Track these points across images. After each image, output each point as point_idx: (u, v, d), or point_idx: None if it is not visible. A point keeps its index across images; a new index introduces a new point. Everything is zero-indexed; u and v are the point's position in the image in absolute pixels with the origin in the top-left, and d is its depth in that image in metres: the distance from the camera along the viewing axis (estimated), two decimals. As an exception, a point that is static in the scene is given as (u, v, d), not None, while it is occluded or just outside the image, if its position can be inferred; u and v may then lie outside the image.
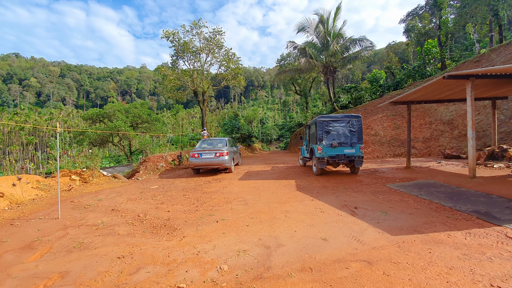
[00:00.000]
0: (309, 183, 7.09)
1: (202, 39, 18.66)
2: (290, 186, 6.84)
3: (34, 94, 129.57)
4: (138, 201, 5.77)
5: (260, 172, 9.74)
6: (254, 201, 5.33)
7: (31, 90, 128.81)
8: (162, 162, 11.24)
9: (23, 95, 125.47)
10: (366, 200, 5.08)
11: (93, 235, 3.70)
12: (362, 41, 21.98)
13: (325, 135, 7.90)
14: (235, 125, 22.78)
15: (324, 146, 7.83)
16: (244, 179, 8.28)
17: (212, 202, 5.37)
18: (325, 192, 5.91)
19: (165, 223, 4.10)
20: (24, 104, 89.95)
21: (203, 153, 9.29)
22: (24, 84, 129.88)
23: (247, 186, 7.00)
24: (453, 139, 13.76)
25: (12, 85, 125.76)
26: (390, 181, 6.93)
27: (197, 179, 8.70)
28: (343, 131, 7.92)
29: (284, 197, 5.55)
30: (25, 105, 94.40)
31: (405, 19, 50.72)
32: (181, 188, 7.17)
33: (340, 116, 8.00)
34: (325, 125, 7.91)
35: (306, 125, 9.90)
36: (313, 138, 8.53)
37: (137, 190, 7.06)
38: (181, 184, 7.78)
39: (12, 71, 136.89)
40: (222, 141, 10.37)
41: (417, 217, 3.96)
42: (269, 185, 7.02)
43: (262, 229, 3.65)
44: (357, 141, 7.92)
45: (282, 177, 8.35)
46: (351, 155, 7.86)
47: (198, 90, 18.50)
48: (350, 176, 7.99)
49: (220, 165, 9.27)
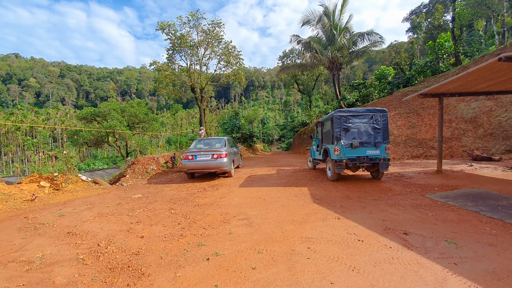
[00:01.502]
0: (327, 192, 5.75)
1: (200, 32, 17.36)
2: (303, 195, 5.50)
3: (33, 94, 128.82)
4: (109, 217, 4.45)
5: (265, 177, 8.40)
6: (261, 219, 4.00)
7: (30, 91, 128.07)
8: (153, 165, 9.91)
9: (22, 95, 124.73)
10: (412, 220, 3.74)
11: (15, 284, 2.38)
12: (370, 35, 20.62)
13: (344, 133, 6.56)
14: (235, 124, 21.42)
15: (343, 147, 6.50)
16: (246, 186, 6.94)
17: (204, 221, 4.03)
18: (351, 206, 4.57)
19: (130, 260, 2.76)
20: (21, 105, 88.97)
21: (198, 155, 7.96)
22: (23, 84, 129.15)
23: (250, 196, 5.66)
24: (478, 138, 12.40)
25: (12, 86, 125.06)
26: (427, 190, 5.59)
27: (190, 186, 7.37)
28: (365, 128, 6.58)
29: (300, 214, 4.21)
30: (24, 105, 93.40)
31: (409, 18, 49.51)
32: (169, 198, 5.83)
33: (361, 110, 6.66)
34: (343, 121, 6.57)
35: (318, 122, 8.55)
36: (328, 137, 7.19)
37: (114, 201, 5.73)
38: (170, 193, 6.45)
39: (11, 71, 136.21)
40: (220, 140, 9.04)
41: (508, 252, 2.62)
42: (277, 194, 5.69)
43: (278, 277, 2.31)
44: (382, 140, 6.57)
45: (291, 183, 7.01)
46: (375, 157, 6.52)
47: (195, 86, 17.17)
48: (374, 183, 6.64)
49: (218, 168, 7.94)
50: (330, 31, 20.67)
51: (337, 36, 20.50)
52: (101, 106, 30.79)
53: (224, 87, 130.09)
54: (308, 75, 30.37)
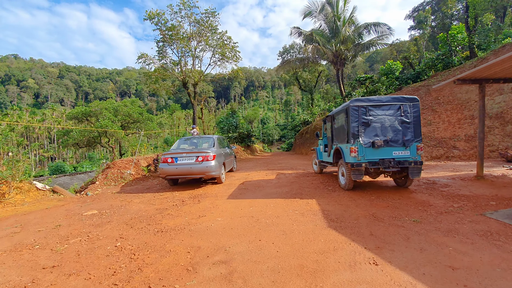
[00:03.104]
0: (343, 208, 4.23)
1: (193, 22, 15.89)
2: (312, 213, 3.99)
3: (32, 95, 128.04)
4: (22, 253, 2.94)
5: (261, 183, 6.89)
6: (249, 264, 2.48)
7: (28, 92, 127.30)
8: (130, 169, 8.40)
9: (20, 96, 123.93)
10: (498, 266, 2.22)
11: None
12: (377, 26, 19.11)
13: (363, 129, 5.04)
14: (232, 122, 19.87)
15: (362, 146, 4.98)
16: (236, 197, 5.43)
17: (158, 267, 2.51)
18: (386, 235, 3.04)
19: None
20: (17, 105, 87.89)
21: (179, 157, 6.45)
22: (22, 85, 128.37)
23: (239, 214, 4.15)
24: (506, 136, 10.85)
25: (10, 87, 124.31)
26: (481, 205, 4.07)
27: (167, 196, 5.86)
28: (391, 122, 5.06)
29: (311, 251, 2.69)
30: (22, 106, 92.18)
31: (411, 15, 48.00)
32: (129, 217, 4.32)
33: (386, 98, 5.15)
34: (362, 113, 5.05)
35: (326, 117, 6.99)
36: (341, 134, 5.66)
37: (55, 221, 4.23)
38: (135, 208, 4.94)
39: (10, 72, 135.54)
40: (208, 140, 7.53)
41: None
42: (276, 211, 4.17)
43: None
44: (413, 137, 5.06)
45: (294, 193, 5.49)
46: (404, 159, 5.00)
47: (187, 81, 15.67)
48: (403, 193, 5.12)
49: (204, 174, 6.42)
50: (333, 22, 19.17)
51: (341, 27, 19.00)
52: (92, 105, 29.39)
53: (224, 87, 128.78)
54: (310, 71, 28.86)
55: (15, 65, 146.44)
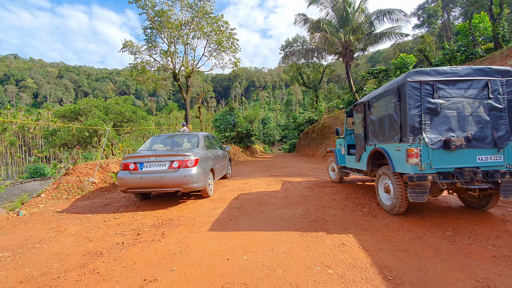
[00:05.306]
0: (416, 262, 2.28)
1: (185, 6, 14.02)
2: (362, 278, 2.05)
3: (30, 95, 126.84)
4: None
5: (263, 199, 4.94)
6: None
7: (27, 91, 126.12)
8: (93, 176, 6.48)
9: (19, 96, 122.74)
10: None
11: None
12: (392, 13, 17.16)
13: (429, 119, 3.10)
14: (229, 120, 17.92)
15: (427, 147, 3.04)
16: (223, 228, 3.49)
17: None
18: None
19: None
20: (15, 105, 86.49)
21: (146, 162, 4.52)
22: (20, 85, 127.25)
23: (220, 276, 2.21)
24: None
25: (9, 86, 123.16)
26: None
27: (122, 221, 3.93)
28: (474, 108, 3.13)
29: None
30: (21, 106, 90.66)
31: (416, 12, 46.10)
32: (23, 275, 2.39)
33: (464, 71, 3.19)
34: (427, 94, 3.11)
35: (354, 105, 4.92)
36: (386, 128, 3.69)
37: None
38: (56, 248, 3.01)
39: (9, 72, 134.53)
40: (192, 138, 5.60)
41: None
42: (290, 271, 2.23)
43: None
44: (509, 133, 3.12)
45: (314, 221, 3.54)
46: (495, 169, 3.06)
47: (178, 71, 13.77)
48: (493, 223, 3.16)
49: (181, 186, 4.46)
50: (343, 9, 17.24)
51: (351, 15, 17.08)
52: (80, 102, 27.59)
53: (224, 87, 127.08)
54: (314, 67, 26.95)
55: (15, 64, 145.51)
